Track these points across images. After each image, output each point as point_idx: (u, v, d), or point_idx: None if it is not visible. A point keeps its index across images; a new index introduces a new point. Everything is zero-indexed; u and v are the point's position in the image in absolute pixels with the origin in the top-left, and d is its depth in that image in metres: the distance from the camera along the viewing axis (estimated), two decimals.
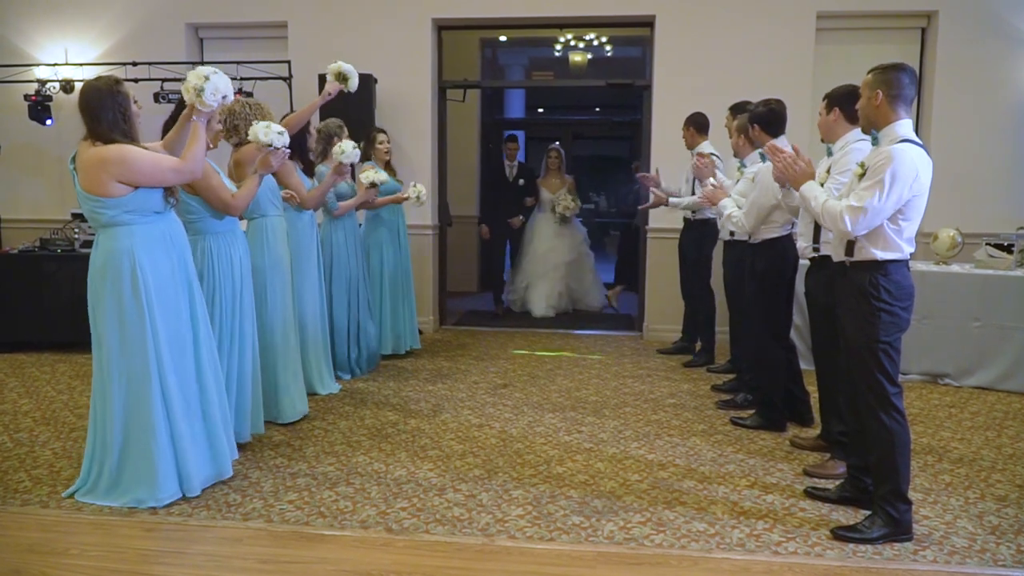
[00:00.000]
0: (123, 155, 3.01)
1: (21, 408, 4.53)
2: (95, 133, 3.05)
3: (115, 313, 3.10)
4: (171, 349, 3.17)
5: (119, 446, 3.17)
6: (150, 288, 3.09)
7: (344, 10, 6.71)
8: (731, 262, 4.80)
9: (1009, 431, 4.33)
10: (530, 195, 7.83)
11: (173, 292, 3.18)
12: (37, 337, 5.96)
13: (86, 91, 3.06)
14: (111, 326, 3.11)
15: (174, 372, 3.18)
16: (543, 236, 7.90)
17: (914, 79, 3.02)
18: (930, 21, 6.37)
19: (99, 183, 3.00)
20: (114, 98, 3.06)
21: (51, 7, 7.00)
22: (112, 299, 3.09)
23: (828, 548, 2.90)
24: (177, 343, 3.20)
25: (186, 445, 3.21)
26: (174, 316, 3.18)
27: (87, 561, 2.75)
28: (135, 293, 3.07)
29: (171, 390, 3.16)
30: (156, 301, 3.11)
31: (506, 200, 7.81)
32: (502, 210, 7.81)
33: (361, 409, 4.56)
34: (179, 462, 3.20)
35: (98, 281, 3.12)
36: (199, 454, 3.28)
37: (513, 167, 7.82)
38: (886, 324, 2.97)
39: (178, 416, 3.18)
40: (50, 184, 7.09)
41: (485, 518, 3.11)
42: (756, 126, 4.30)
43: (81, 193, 3.06)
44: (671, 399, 4.85)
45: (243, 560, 2.76)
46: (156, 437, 3.12)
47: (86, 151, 3.04)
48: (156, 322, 3.11)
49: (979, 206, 6.21)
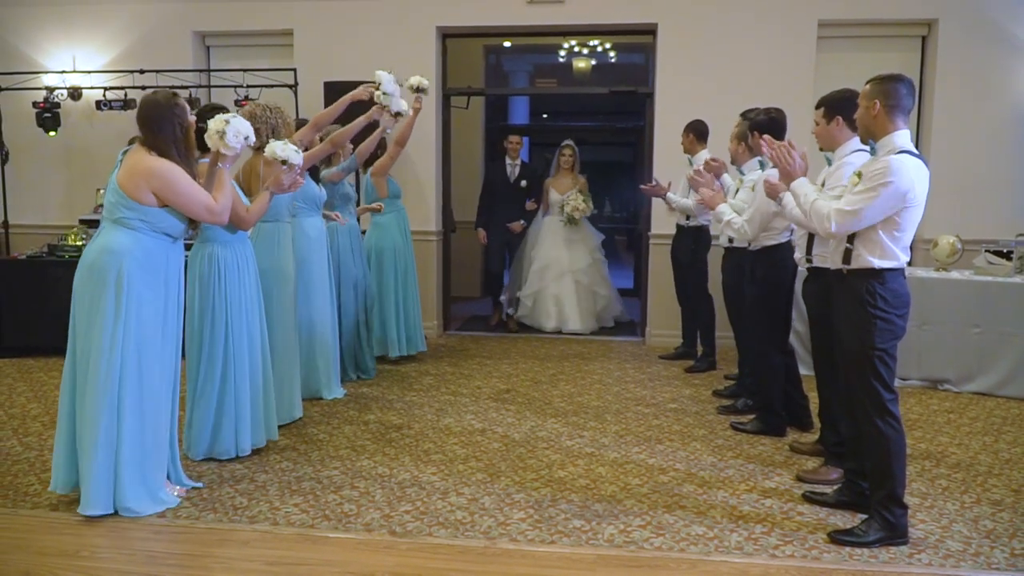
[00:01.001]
0: (170, 176, 3.10)
1: (30, 412, 4.60)
2: (153, 145, 3.14)
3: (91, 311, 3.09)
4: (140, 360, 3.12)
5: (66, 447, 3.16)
6: (132, 294, 3.09)
7: (349, 18, 6.79)
8: (730, 269, 4.85)
9: (1007, 436, 4.36)
10: (532, 198, 7.26)
11: (151, 304, 3.16)
12: (45, 342, 6.01)
13: (146, 105, 3.15)
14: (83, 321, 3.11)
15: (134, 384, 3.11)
16: (552, 242, 7.25)
17: (912, 90, 3.07)
18: (930, 29, 6.42)
19: (136, 187, 3.09)
20: (173, 112, 3.15)
21: (59, 15, 7.09)
22: (92, 295, 3.09)
23: (825, 551, 2.95)
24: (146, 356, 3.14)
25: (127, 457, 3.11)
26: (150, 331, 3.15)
27: (98, 563, 2.81)
28: (116, 299, 3.07)
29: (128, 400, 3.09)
30: (134, 310, 3.09)
31: (506, 202, 7.24)
32: (501, 213, 7.24)
33: (365, 413, 4.62)
34: (119, 477, 3.11)
35: (84, 277, 3.14)
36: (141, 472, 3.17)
37: (515, 167, 7.26)
38: (882, 331, 3.02)
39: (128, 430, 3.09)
40: (57, 190, 7.17)
41: (487, 521, 3.16)
42: (756, 133, 4.34)
43: (113, 185, 3.13)
44: (672, 404, 4.90)
45: (250, 562, 2.82)
46: (95, 446, 3.05)
47: (140, 154, 3.13)
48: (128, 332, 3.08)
49: (979, 213, 6.25)
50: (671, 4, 6.49)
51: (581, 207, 7.15)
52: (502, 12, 6.67)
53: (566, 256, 7.20)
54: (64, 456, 3.19)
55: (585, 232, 7.35)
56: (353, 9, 6.79)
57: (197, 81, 6.81)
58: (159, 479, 3.27)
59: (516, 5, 6.65)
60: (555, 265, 7.18)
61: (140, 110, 3.18)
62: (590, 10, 6.59)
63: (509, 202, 7.22)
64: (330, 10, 6.80)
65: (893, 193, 2.93)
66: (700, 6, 6.46)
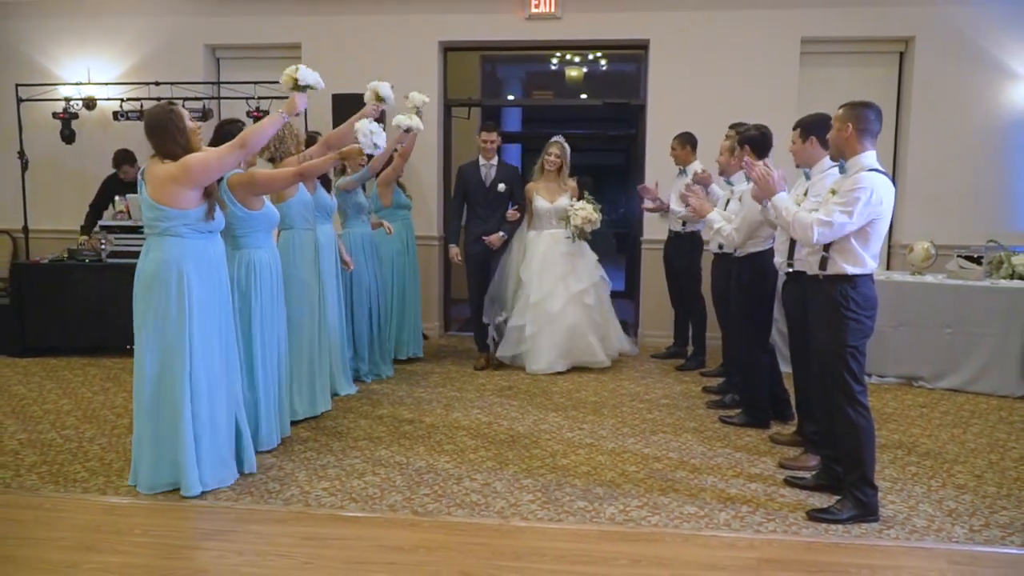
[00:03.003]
0: (185, 162, 3.41)
1: (63, 408, 4.88)
2: (161, 151, 3.45)
3: (159, 314, 3.42)
4: (205, 352, 3.49)
5: (154, 439, 3.49)
6: (192, 296, 3.43)
7: (355, 32, 7.10)
8: (718, 273, 5.18)
9: (974, 428, 4.72)
10: (514, 204, 6.02)
11: (209, 302, 3.51)
12: (65, 342, 6.30)
13: (149, 118, 3.46)
14: (154, 326, 3.42)
15: (205, 375, 3.48)
16: (543, 262, 5.89)
17: (880, 116, 3.43)
18: (907, 46, 6.80)
19: (167, 194, 3.39)
20: (170, 118, 3.46)
21: (74, 29, 7.37)
22: (158, 302, 3.41)
23: (804, 527, 3.29)
24: (208, 349, 3.51)
25: (208, 445, 3.51)
26: (209, 323, 3.51)
27: (150, 538, 3.11)
28: (179, 299, 3.40)
29: (201, 391, 3.46)
30: (196, 309, 3.44)
31: (481, 210, 6.02)
32: (476, 224, 6.04)
33: (379, 409, 4.93)
34: (201, 459, 3.49)
35: (146, 285, 3.45)
36: (219, 454, 3.58)
37: (490, 167, 6.01)
38: (854, 331, 3.37)
39: (203, 418, 3.48)
40: (73, 196, 7.42)
41: (500, 503, 3.49)
42: (747, 147, 4.65)
43: (147, 201, 3.43)
44: (665, 400, 5.24)
45: (289, 537, 3.13)
46: (183, 433, 3.41)
47: (156, 166, 3.44)
48: (192, 327, 3.43)
49: (952, 220, 6.63)
50: (662, 21, 6.85)
51: (593, 218, 5.81)
52: (502, 28, 7.02)
53: (563, 285, 5.87)
54: (151, 453, 3.50)
55: (580, 247, 6.00)
56: (358, 24, 7.10)
57: (209, 93, 7.09)
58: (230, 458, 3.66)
59: (515, 21, 7.00)
60: (555, 296, 5.83)
61: (145, 124, 3.49)
62: (585, 26, 6.93)
63: (485, 210, 6.03)
64: (336, 25, 7.12)
65: (865, 206, 3.27)
66: (690, 23, 6.82)
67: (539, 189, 6.03)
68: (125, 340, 6.08)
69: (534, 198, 6.01)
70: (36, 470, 3.82)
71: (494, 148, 5.99)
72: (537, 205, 6.00)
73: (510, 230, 6.07)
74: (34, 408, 4.87)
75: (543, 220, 6.02)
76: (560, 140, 6.10)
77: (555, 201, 5.97)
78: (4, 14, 7.42)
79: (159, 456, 3.49)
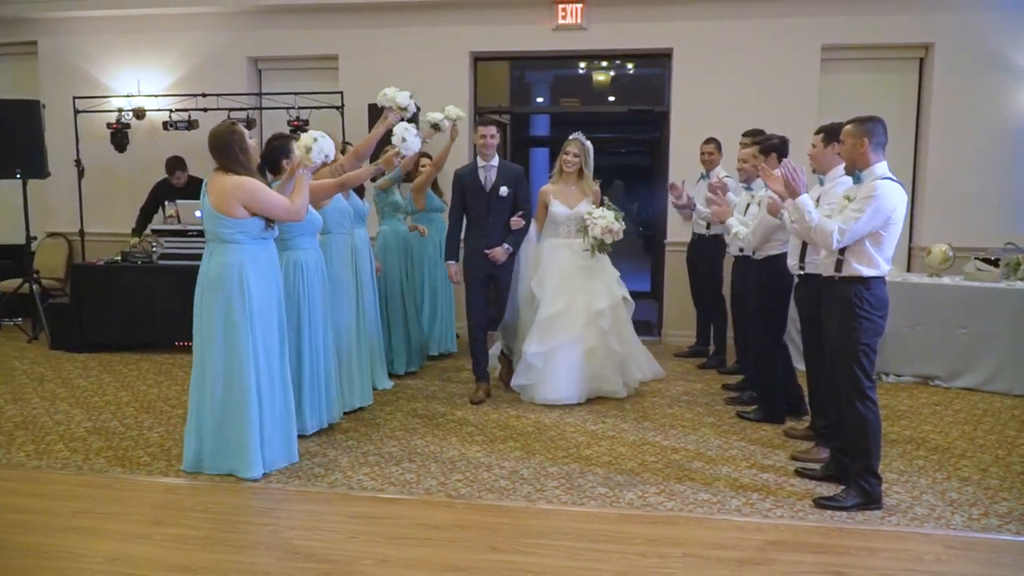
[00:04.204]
0: (250, 187, 3.75)
1: (121, 399, 5.26)
2: (224, 167, 3.80)
3: (223, 315, 3.77)
4: (265, 348, 3.85)
5: (217, 427, 3.84)
6: (252, 296, 3.77)
7: (390, 44, 7.43)
8: (738, 274, 5.41)
9: (984, 426, 4.90)
10: (520, 211, 5.24)
11: (268, 301, 3.87)
12: (119, 339, 6.71)
13: (213, 136, 3.81)
14: (218, 325, 3.77)
15: (266, 369, 3.86)
16: (562, 276, 5.19)
17: (886, 128, 3.65)
18: (927, 52, 6.94)
19: (228, 206, 3.72)
20: (232, 137, 3.80)
21: (126, 44, 7.80)
22: (222, 303, 3.77)
23: (810, 514, 3.52)
24: (268, 345, 3.87)
25: (269, 432, 3.89)
26: (268, 321, 3.87)
27: (212, 515, 3.45)
28: (242, 299, 3.75)
29: (263, 384, 3.84)
30: (257, 308, 3.79)
31: (481, 219, 5.25)
32: (476, 235, 5.27)
33: (413, 402, 5.24)
34: (264, 444, 3.88)
35: (210, 287, 3.80)
36: (278, 439, 3.96)
37: (489, 169, 5.24)
38: (867, 329, 3.59)
39: (266, 407, 3.87)
40: (125, 201, 7.84)
41: (527, 488, 3.77)
42: (774, 154, 4.86)
43: (210, 211, 3.78)
44: (685, 396, 5.48)
45: (335, 516, 3.45)
46: (250, 422, 3.79)
47: (220, 179, 3.77)
48: (255, 325, 3.79)
49: (971, 223, 6.77)
50: (685, 30, 7.08)
51: (614, 228, 5.08)
52: (530, 38, 7.30)
53: (582, 298, 5.17)
54: (214, 440, 3.85)
55: (601, 261, 5.29)
56: (393, 36, 7.43)
57: (251, 104, 7.47)
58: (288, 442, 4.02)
59: (542, 32, 7.28)
60: (572, 313, 5.14)
61: (209, 141, 3.84)
62: (610, 36, 7.19)
63: (486, 218, 5.25)
64: (371, 37, 7.45)
65: (880, 212, 3.49)
66: (712, 32, 7.04)
67: (555, 192, 5.30)
68: (174, 337, 6.55)
69: (550, 203, 5.28)
70: (103, 455, 4.19)
71: (493, 145, 5.20)
72: (553, 211, 5.27)
73: (516, 241, 5.25)
74: (95, 399, 5.25)
75: (560, 228, 5.28)
76: (579, 137, 5.35)
77: (575, 206, 5.27)
78: (61, 31, 7.87)
79: (223, 442, 3.82)
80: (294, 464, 4.03)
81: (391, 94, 4.98)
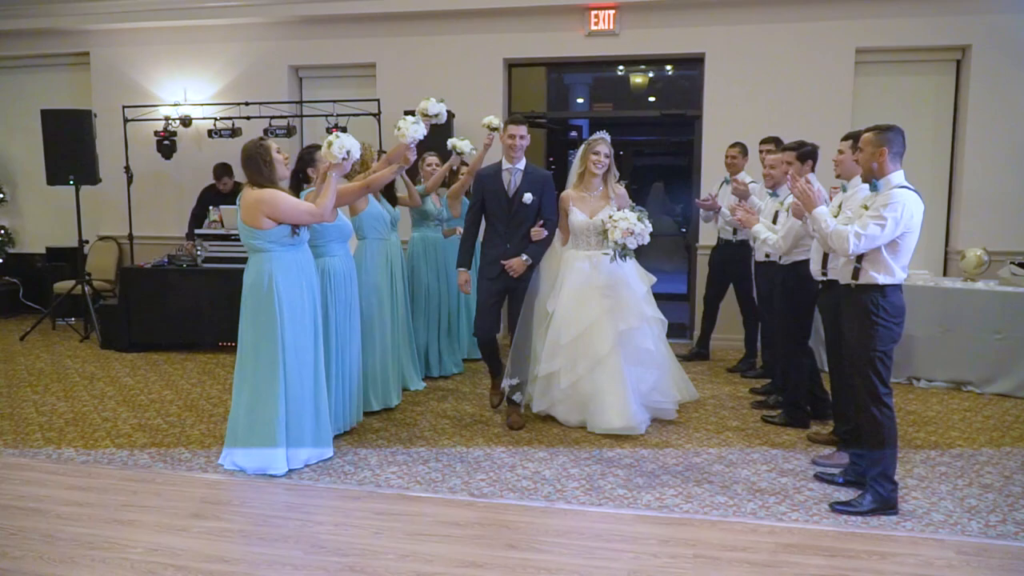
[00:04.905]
0: (271, 198, 3.92)
1: (165, 398, 5.51)
2: (252, 181, 4.00)
3: (256, 318, 3.98)
4: (296, 348, 4.02)
5: (249, 426, 4.03)
6: (283, 301, 3.96)
7: (425, 52, 7.60)
8: (762, 280, 5.45)
9: (1013, 432, 4.87)
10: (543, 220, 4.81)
11: (299, 306, 4.05)
12: (165, 339, 6.99)
13: (243, 153, 4.01)
14: (255, 328, 3.98)
15: (295, 368, 4.03)
16: (585, 291, 4.76)
17: (905, 138, 3.68)
18: (964, 54, 6.86)
19: (254, 218, 3.92)
20: (258, 152, 3.99)
21: (172, 54, 8.11)
22: (256, 306, 3.97)
23: (825, 518, 3.58)
24: (298, 346, 4.05)
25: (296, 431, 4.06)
26: (299, 323, 4.04)
27: (248, 509, 3.64)
28: (273, 303, 3.94)
29: (291, 382, 4.01)
30: (287, 312, 3.98)
31: (501, 227, 4.84)
32: (495, 244, 4.86)
33: (443, 403, 5.39)
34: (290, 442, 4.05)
35: (248, 293, 4.02)
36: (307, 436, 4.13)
37: (515, 173, 4.82)
38: (883, 336, 3.63)
39: (293, 406, 4.03)
40: (172, 206, 8.17)
41: (547, 488, 3.89)
42: (810, 162, 4.87)
43: (240, 224, 3.99)
44: (712, 400, 5.53)
45: (362, 512, 3.61)
46: (275, 421, 3.96)
47: (247, 193, 3.97)
48: (285, 327, 3.96)
49: (1007, 227, 6.68)
50: (718, 34, 7.11)
51: (636, 229, 4.57)
52: (563, 44, 7.41)
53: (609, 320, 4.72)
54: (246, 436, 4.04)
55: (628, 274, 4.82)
56: (428, 43, 7.60)
57: (292, 111, 7.70)
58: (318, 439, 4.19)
59: (575, 38, 7.39)
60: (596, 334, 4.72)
61: (241, 156, 4.04)
62: (643, 41, 7.26)
63: (506, 226, 4.84)
64: (408, 45, 7.63)
65: (897, 220, 3.53)
66: (745, 36, 7.06)
67: (576, 200, 4.88)
68: (217, 337, 6.81)
69: (570, 210, 4.85)
70: (147, 451, 4.42)
71: (523, 147, 4.80)
72: (572, 220, 4.83)
73: (536, 253, 4.84)
74: (141, 397, 5.51)
75: (579, 239, 4.86)
76: (605, 136, 4.88)
77: (595, 215, 4.81)
78: (111, 42, 8.22)
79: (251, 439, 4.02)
80: (326, 460, 4.21)
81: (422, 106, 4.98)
